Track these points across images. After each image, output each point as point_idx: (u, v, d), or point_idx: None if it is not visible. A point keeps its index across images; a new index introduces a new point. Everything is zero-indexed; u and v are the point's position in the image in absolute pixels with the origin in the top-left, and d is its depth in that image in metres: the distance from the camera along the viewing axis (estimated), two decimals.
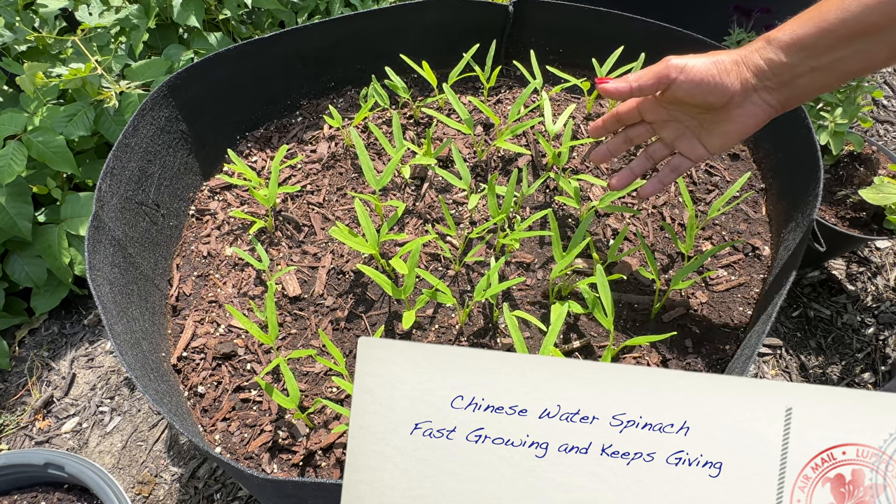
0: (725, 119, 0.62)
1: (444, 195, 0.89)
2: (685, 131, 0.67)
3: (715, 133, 0.64)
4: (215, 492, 1.04)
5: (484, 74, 0.96)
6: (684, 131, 0.67)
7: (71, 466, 0.89)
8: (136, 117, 0.82)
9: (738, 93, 0.59)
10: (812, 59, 0.56)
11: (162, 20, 1.32)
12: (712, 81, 0.59)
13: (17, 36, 1.15)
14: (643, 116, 0.69)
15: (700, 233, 0.86)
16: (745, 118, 0.61)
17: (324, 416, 0.71)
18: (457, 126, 0.88)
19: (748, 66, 0.59)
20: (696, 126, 0.66)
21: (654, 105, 0.67)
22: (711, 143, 0.65)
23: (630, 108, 0.69)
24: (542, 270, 0.81)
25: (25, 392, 1.20)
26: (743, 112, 0.61)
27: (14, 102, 1.23)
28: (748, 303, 0.80)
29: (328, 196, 0.91)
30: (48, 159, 1.11)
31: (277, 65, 0.98)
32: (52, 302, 1.24)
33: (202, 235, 0.89)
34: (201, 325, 0.80)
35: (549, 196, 0.88)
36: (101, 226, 0.72)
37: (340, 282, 0.81)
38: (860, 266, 1.33)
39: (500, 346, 0.75)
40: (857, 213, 1.19)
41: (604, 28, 1.00)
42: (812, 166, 0.78)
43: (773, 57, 0.57)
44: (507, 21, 1.02)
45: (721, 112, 0.62)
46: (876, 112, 1.67)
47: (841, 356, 1.19)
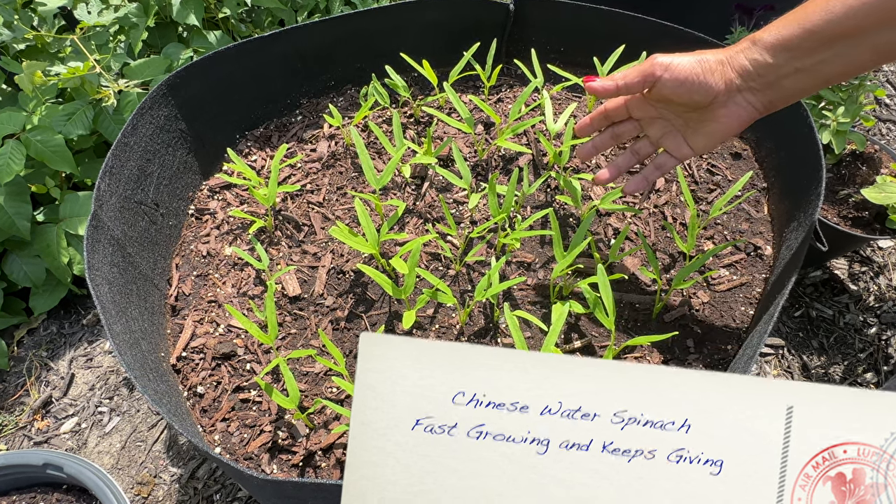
0: (710, 119, 0.62)
1: (444, 194, 0.88)
2: (671, 130, 0.67)
3: (700, 132, 0.65)
4: (215, 492, 1.04)
5: (485, 73, 0.96)
6: (670, 130, 0.68)
7: (70, 467, 0.89)
8: (135, 116, 0.81)
9: (723, 92, 0.59)
10: (796, 61, 0.56)
11: (161, 18, 1.32)
12: (696, 80, 0.59)
13: (16, 34, 1.14)
14: (631, 113, 0.70)
15: (702, 232, 0.86)
16: (729, 119, 0.61)
17: (324, 417, 0.70)
18: (457, 125, 0.88)
19: (733, 67, 0.59)
20: (681, 125, 0.66)
21: (641, 102, 0.68)
22: (696, 143, 0.66)
23: (618, 105, 0.70)
24: (543, 270, 0.81)
25: (24, 392, 1.19)
26: (727, 112, 0.61)
27: (13, 101, 1.22)
28: (750, 302, 0.79)
29: (328, 195, 0.91)
30: (47, 158, 1.11)
31: (277, 63, 0.97)
32: (51, 302, 1.24)
33: (201, 235, 0.89)
34: (201, 325, 0.79)
35: (549, 195, 0.88)
36: (100, 225, 0.72)
37: (340, 281, 0.81)
38: (862, 266, 1.32)
39: (500, 346, 0.75)
40: (860, 212, 1.19)
41: (605, 26, 0.99)
42: (814, 165, 0.77)
43: (757, 58, 0.57)
44: (508, 19, 1.02)
45: (706, 112, 0.62)
46: (878, 111, 1.66)
47: (843, 356, 1.19)
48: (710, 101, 0.60)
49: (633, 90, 0.64)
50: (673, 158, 0.69)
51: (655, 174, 0.72)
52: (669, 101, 0.64)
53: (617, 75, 0.64)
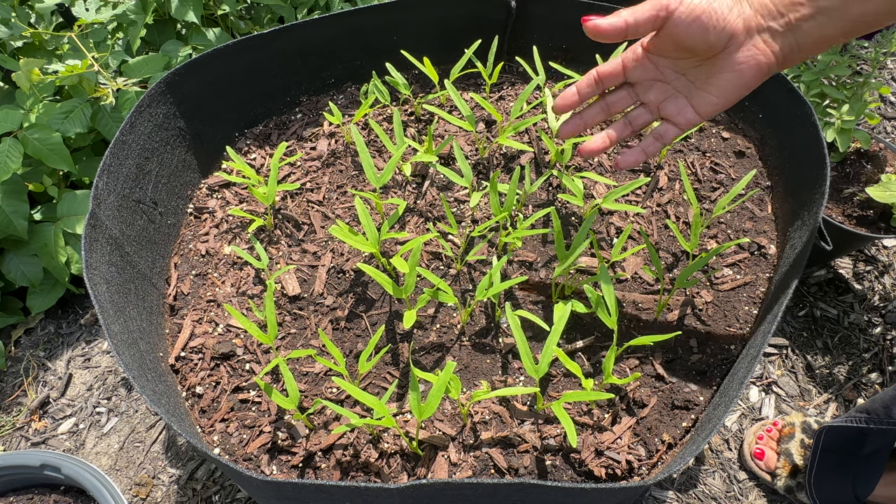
0: (723, 68, 0.55)
1: (445, 193, 0.88)
2: (673, 93, 0.60)
3: (709, 89, 0.57)
4: (214, 493, 1.03)
5: (486, 70, 0.95)
6: (672, 93, 0.60)
7: (67, 468, 0.88)
8: (133, 114, 0.81)
9: (740, 32, 0.53)
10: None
11: (160, 16, 1.31)
12: (713, 16, 0.52)
13: (13, 32, 1.13)
14: (627, 76, 0.61)
15: (705, 231, 0.85)
16: (746, 65, 0.54)
17: (324, 417, 0.70)
18: (458, 123, 0.87)
19: (751, 4, 0.53)
20: (686, 86, 0.59)
21: (642, 60, 0.60)
22: (704, 104, 0.58)
23: (614, 69, 0.61)
24: (545, 269, 0.80)
25: (21, 392, 1.18)
26: (744, 56, 0.54)
27: (10, 99, 1.22)
28: (754, 302, 0.79)
29: (328, 194, 0.90)
30: (44, 157, 1.10)
31: (277, 61, 0.97)
32: (49, 301, 1.23)
33: (200, 234, 0.88)
34: (199, 325, 0.79)
35: (551, 194, 0.87)
36: (98, 224, 0.71)
37: (340, 281, 0.80)
38: (867, 265, 1.32)
39: (502, 345, 0.74)
40: (864, 211, 1.18)
41: None
42: (818, 163, 0.77)
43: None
44: (510, 16, 1.01)
45: (718, 59, 0.55)
46: (883, 109, 1.65)
47: (848, 356, 1.18)
48: (726, 42, 0.54)
49: (642, 30, 0.55)
50: (675, 127, 0.61)
51: (655, 146, 0.63)
52: (678, 47, 0.56)
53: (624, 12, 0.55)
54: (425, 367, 0.73)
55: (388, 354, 0.74)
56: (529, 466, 0.66)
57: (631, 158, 0.64)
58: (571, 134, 0.64)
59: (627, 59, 0.60)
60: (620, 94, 0.62)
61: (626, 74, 0.61)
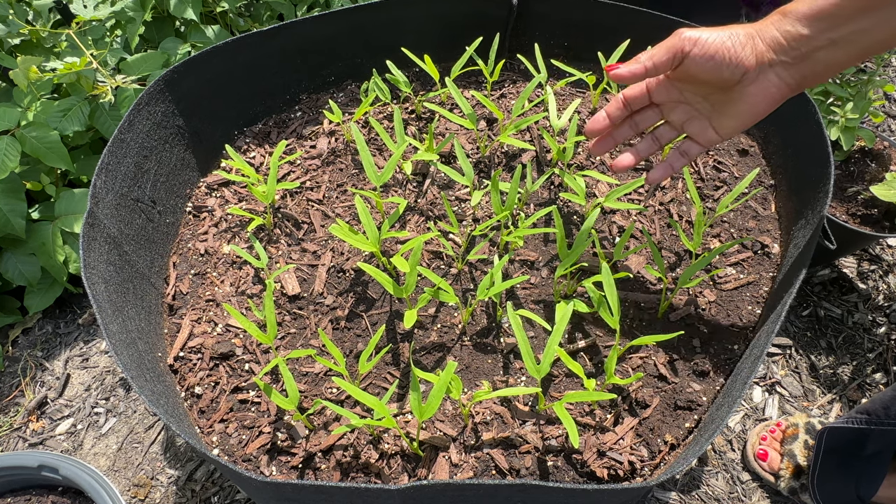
0: (738, 98, 0.59)
1: (446, 192, 0.87)
2: (695, 114, 0.64)
3: (727, 114, 0.61)
4: (213, 494, 1.03)
5: (487, 68, 0.95)
6: (695, 114, 0.64)
7: (65, 469, 0.88)
8: (131, 112, 0.80)
9: (753, 67, 0.56)
10: (832, 31, 0.53)
11: (158, 13, 1.31)
12: (727, 55, 0.56)
13: (11, 29, 1.13)
14: (652, 98, 0.66)
15: (708, 230, 0.85)
16: (759, 97, 0.58)
17: (323, 418, 0.69)
18: (459, 121, 0.86)
19: (763, 40, 0.56)
20: (707, 108, 0.63)
21: (665, 84, 0.64)
22: (723, 126, 0.63)
23: (639, 92, 0.66)
24: (547, 268, 0.79)
25: (19, 393, 1.18)
26: (757, 89, 0.58)
27: (7, 97, 1.21)
28: (757, 301, 0.78)
29: (328, 192, 0.89)
30: (42, 155, 1.09)
31: (276, 58, 0.96)
32: (46, 301, 1.23)
33: (199, 233, 0.88)
34: (198, 325, 0.78)
35: (553, 192, 0.86)
36: (97, 223, 0.70)
37: (340, 280, 0.79)
38: (871, 264, 1.31)
39: (503, 345, 0.73)
40: (869, 209, 1.18)
41: (609, 21, 0.98)
42: (822, 162, 0.76)
43: (790, 29, 0.55)
44: (511, 14, 1.00)
45: (734, 90, 0.59)
46: (888, 107, 1.64)
47: (852, 356, 1.18)
48: (740, 77, 0.57)
49: (661, 70, 0.60)
50: (698, 145, 0.66)
51: (681, 162, 0.68)
52: (696, 80, 0.60)
53: (643, 56, 0.60)
54: (426, 367, 0.72)
55: (388, 354, 0.73)
56: (531, 467, 0.65)
57: (658, 174, 0.68)
58: (604, 152, 0.70)
59: (651, 83, 0.65)
60: (647, 113, 0.67)
61: (651, 97, 0.66)
